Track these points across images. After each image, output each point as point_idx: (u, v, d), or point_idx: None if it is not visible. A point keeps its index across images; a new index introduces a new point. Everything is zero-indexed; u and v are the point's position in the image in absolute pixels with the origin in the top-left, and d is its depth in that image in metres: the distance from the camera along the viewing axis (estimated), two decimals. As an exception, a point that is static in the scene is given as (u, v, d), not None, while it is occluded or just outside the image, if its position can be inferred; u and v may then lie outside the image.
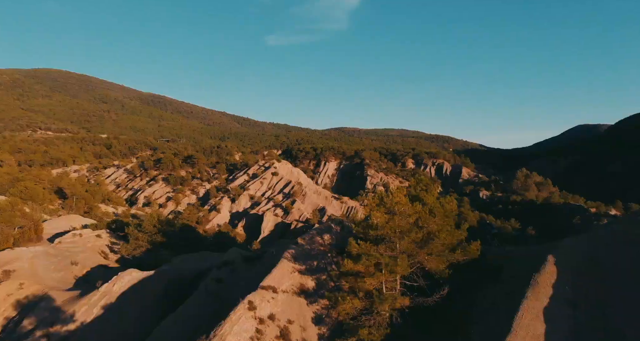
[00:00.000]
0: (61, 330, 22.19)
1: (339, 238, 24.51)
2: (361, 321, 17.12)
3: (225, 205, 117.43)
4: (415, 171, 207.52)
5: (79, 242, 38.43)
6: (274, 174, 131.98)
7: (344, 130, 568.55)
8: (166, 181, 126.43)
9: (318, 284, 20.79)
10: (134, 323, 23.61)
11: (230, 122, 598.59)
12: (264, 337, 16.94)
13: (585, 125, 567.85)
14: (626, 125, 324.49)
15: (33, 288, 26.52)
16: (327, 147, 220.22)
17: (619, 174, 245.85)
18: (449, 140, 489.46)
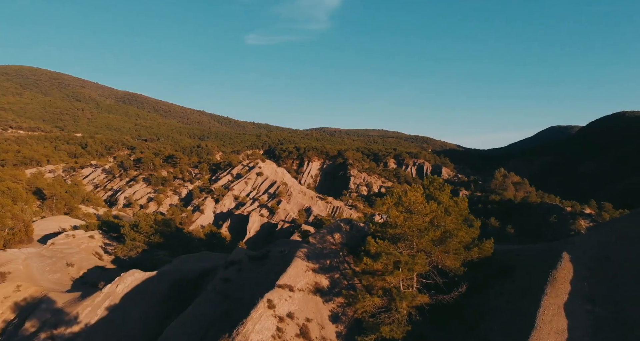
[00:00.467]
0: (65, 332, 21.69)
1: (349, 237, 24.41)
2: (380, 319, 17.07)
3: (209, 206, 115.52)
4: (397, 171, 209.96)
5: (72, 243, 37.43)
6: (258, 174, 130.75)
7: (325, 130, 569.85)
8: (147, 181, 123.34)
9: (332, 282, 20.64)
10: (138, 324, 23.31)
11: (209, 121, 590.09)
12: (285, 335, 16.72)
13: (557, 127, 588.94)
14: (596, 127, 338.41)
15: (31, 290, 25.78)
16: (310, 147, 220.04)
17: (590, 174, 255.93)
18: (427, 141, 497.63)
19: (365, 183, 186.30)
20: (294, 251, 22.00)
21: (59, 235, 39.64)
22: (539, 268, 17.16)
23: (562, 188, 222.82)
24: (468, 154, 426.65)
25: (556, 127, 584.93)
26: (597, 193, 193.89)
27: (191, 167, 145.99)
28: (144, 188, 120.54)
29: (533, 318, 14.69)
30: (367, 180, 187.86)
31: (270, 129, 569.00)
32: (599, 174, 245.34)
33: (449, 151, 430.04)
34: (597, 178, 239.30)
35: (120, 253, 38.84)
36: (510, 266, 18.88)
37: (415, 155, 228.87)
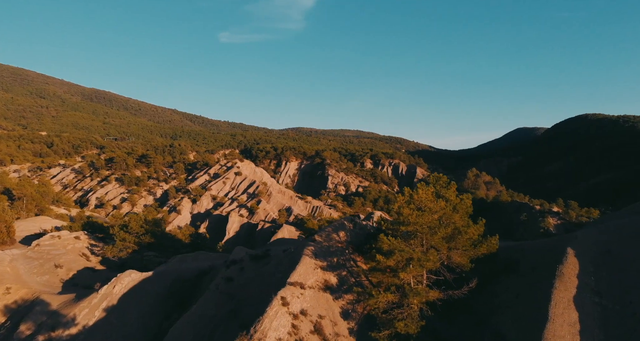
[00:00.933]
0: (63, 334, 21.16)
1: (353, 235, 24.38)
2: (394, 315, 17.15)
3: (186, 206, 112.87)
4: (374, 171, 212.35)
5: (58, 244, 36.02)
6: (237, 174, 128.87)
7: (301, 130, 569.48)
8: (120, 181, 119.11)
9: (340, 280, 20.56)
10: (137, 325, 22.92)
11: (182, 120, 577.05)
12: (300, 332, 16.57)
13: (524, 128, 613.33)
14: (561, 129, 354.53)
15: (21, 292, 24.95)
16: (288, 147, 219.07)
17: (555, 173, 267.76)
18: (401, 141, 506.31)
19: (343, 183, 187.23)
20: (301, 249, 21.76)
21: (44, 236, 38.15)
22: (544, 264, 17.70)
23: (530, 187, 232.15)
24: (440, 155, 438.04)
25: (523, 129, 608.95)
26: (563, 191, 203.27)
27: (166, 167, 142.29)
28: (116, 188, 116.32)
29: (545, 311, 15.12)
30: (344, 180, 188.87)
31: (246, 128, 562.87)
32: (564, 173, 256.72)
33: (422, 151, 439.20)
34: (562, 177, 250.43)
35: (110, 253, 37.66)
36: (514, 261, 19.39)
37: (391, 155, 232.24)
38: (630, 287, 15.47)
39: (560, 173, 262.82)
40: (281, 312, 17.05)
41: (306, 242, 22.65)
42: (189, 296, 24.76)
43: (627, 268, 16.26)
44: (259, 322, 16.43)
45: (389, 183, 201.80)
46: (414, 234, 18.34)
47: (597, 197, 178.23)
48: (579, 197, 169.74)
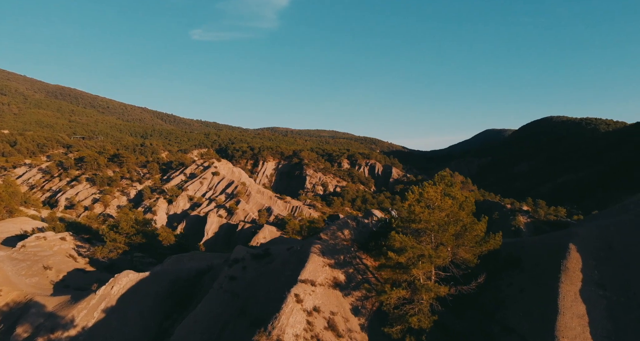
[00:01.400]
0: (62, 336, 20.71)
1: (356, 233, 24.49)
2: (405, 310, 17.37)
3: (162, 207, 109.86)
4: (351, 171, 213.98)
5: (44, 245, 34.73)
6: (214, 173, 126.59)
7: (276, 130, 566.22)
8: (91, 182, 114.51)
9: (347, 277, 20.62)
10: (137, 326, 22.69)
11: (152, 118, 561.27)
12: (315, 328, 16.55)
13: (492, 130, 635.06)
14: (527, 131, 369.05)
15: (13, 295, 24.13)
16: (265, 146, 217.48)
17: (523, 173, 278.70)
18: (376, 142, 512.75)
19: (321, 183, 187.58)
20: (308, 247, 21.67)
21: (29, 237, 36.66)
22: (547, 259, 18.41)
23: (499, 186, 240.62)
24: (413, 155, 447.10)
25: (492, 130, 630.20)
26: (531, 191, 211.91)
27: (139, 166, 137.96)
28: (87, 189, 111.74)
29: (555, 304, 15.73)
30: (322, 180, 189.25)
31: (219, 127, 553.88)
32: (531, 173, 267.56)
33: (396, 151, 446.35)
34: (529, 177, 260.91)
35: (100, 254, 36.58)
36: (516, 257, 20.06)
37: (367, 155, 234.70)
38: (633, 280, 16.33)
39: (528, 173, 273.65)
40: (296, 309, 17.02)
41: (312, 240, 22.58)
42: (189, 296, 24.44)
43: (629, 262, 17.15)
44: (276, 319, 16.35)
45: (365, 182, 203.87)
46: (423, 232, 18.65)
47: (563, 196, 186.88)
48: (545, 196, 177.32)
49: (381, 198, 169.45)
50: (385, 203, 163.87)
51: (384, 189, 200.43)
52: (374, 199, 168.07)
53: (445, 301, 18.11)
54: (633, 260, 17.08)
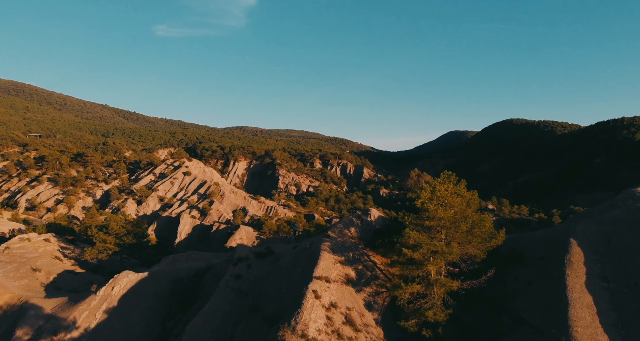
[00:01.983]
0: (65, 338, 20.35)
1: (362, 231, 24.78)
2: (419, 304, 17.87)
3: (131, 207, 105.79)
4: (323, 171, 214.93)
5: (29, 247, 33.44)
6: (185, 173, 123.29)
7: (245, 129, 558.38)
8: (53, 182, 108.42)
9: (357, 273, 20.89)
10: (139, 325, 22.79)
11: (114, 116, 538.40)
12: (334, 323, 16.73)
13: (456, 131, 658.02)
14: (489, 133, 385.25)
15: (5, 297, 23.39)
16: (236, 146, 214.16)
17: (486, 173, 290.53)
18: (346, 142, 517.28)
19: (294, 183, 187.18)
20: (318, 245, 21.76)
21: (12, 239, 35.31)
22: (551, 254, 19.52)
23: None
24: (381, 156, 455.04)
25: (455, 132, 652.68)
26: (493, 190, 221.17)
27: (104, 166, 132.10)
28: (49, 189, 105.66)
29: (564, 296, 16.75)
30: (295, 180, 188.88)
31: (185, 126, 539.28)
32: (493, 173, 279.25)
33: (365, 152, 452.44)
34: (491, 176, 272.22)
35: (89, 255, 35.27)
36: (518, 253, 21.09)
37: (339, 156, 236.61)
38: (633, 272, 17.66)
39: (490, 172, 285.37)
40: (316, 305, 17.19)
41: (321, 238, 22.70)
42: (192, 295, 24.21)
43: (628, 255, 18.51)
44: (298, 314, 16.43)
45: (338, 182, 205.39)
46: (434, 229, 19.24)
47: (523, 195, 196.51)
48: (507, 195, 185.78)
49: (354, 198, 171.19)
50: (358, 203, 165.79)
51: (356, 189, 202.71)
52: (347, 199, 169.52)
53: (455, 295, 18.81)
54: (631, 254, 18.47)
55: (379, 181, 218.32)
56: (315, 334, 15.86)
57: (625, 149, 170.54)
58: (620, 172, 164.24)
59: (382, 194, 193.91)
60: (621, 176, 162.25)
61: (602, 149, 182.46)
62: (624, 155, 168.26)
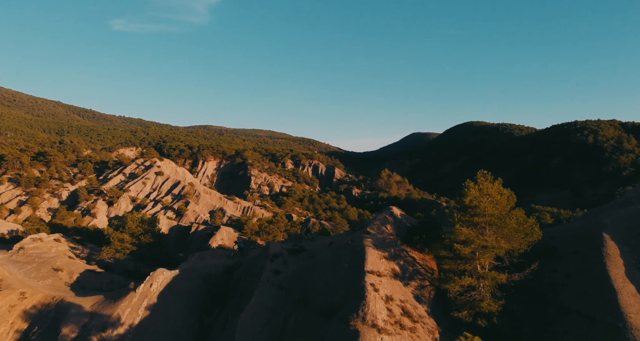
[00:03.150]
0: (112, 335, 20.66)
1: (396, 228, 25.48)
2: (469, 296, 18.85)
3: (102, 209, 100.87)
4: (295, 171, 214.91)
5: (42, 247, 32.67)
6: (158, 173, 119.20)
7: (210, 128, 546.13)
8: (14, 182, 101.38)
9: (401, 268, 21.59)
10: (179, 322, 22.76)
11: (68, 113, 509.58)
12: (395, 314, 17.29)
13: (418, 133, 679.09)
14: (451, 135, 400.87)
15: (37, 297, 22.88)
16: (205, 146, 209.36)
17: (449, 173, 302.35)
18: (313, 143, 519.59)
19: (267, 183, 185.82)
20: (360, 241, 22.29)
21: (25, 239, 34.14)
22: (586, 248, 21.18)
23: (429, 185, 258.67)
24: (349, 156, 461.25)
25: (417, 134, 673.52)
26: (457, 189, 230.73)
27: (68, 166, 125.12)
28: (11, 190, 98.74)
29: (609, 285, 18.33)
30: (268, 180, 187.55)
31: (146, 124, 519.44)
32: (456, 173, 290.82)
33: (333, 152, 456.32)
34: (455, 176, 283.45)
35: (106, 255, 35.23)
36: (552, 247, 22.70)
37: (311, 156, 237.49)
38: None
39: (453, 172, 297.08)
40: (377, 297, 17.77)
41: (361, 234, 23.23)
42: (226, 291, 24.24)
43: None
44: (364, 306, 16.94)
45: (310, 183, 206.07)
46: (480, 224, 20.31)
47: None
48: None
49: (327, 198, 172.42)
50: (332, 203, 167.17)
51: (328, 189, 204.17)
52: (320, 199, 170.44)
53: (500, 287, 20.01)
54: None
55: (351, 181, 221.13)
56: (383, 324, 16.42)
57: (579, 151, 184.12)
58: (574, 172, 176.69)
59: (355, 194, 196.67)
60: (575, 176, 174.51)
61: (557, 151, 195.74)
62: (578, 156, 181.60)
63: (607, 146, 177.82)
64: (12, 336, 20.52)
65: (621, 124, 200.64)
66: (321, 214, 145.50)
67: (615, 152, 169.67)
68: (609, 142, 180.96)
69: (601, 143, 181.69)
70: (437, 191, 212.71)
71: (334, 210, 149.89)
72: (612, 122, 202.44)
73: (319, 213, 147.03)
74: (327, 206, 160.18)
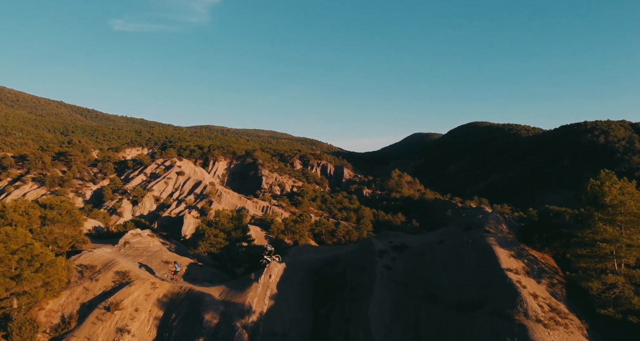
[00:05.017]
0: (248, 321, 22.24)
1: (509, 227, 26.34)
2: (613, 293, 19.81)
3: (127, 208, 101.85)
4: (305, 171, 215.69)
5: (143, 242, 34.91)
6: (179, 173, 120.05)
7: (211, 128, 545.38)
8: (39, 182, 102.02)
9: (529, 266, 22.37)
10: (298, 310, 24.10)
11: (70, 114, 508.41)
12: (545, 310, 18.06)
13: (419, 133, 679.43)
14: (455, 135, 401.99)
15: (166, 286, 24.64)
16: (215, 146, 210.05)
17: (455, 174, 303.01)
18: (315, 143, 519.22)
19: (278, 183, 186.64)
20: (481, 240, 23.16)
21: (127, 234, 36.44)
22: None
23: (434, 185, 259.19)
24: (353, 156, 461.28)
25: (419, 134, 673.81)
26: (464, 190, 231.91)
27: (88, 165, 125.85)
28: (35, 190, 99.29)
29: None
30: (279, 180, 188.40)
31: (148, 124, 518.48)
32: (462, 174, 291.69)
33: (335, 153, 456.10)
34: (461, 177, 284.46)
35: (203, 249, 38.29)
36: None
37: (319, 156, 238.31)
38: None
39: (458, 173, 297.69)
40: (527, 294, 18.63)
41: (480, 233, 24.08)
42: (334, 284, 25.25)
43: None
44: (522, 301, 17.88)
45: (320, 183, 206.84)
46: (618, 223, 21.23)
47: (494, 194, 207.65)
48: (479, 194, 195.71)
49: (339, 198, 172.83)
50: (344, 203, 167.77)
51: (338, 189, 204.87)
52: (333, 199, 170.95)
53: None
54: None
55: (360, 181, 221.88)
56: (544, 319, 17.32)
57: (589, 151, 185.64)
58: (584, 172, 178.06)
59: (365, 194, 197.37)
60: (585, 176, 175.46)
61: (566, 152, 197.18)
62: (588, 157, 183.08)
63: (619, 146, 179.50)
64: (152, 322, 21.74)
65: (631, 124, 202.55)
66: (337, 214, 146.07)
67: (627, 153, 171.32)
68: (620, 143, 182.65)
69: (612, 144, 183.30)
70: (444, 191, 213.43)
71: (349, 210, 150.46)
72: (622, 123, 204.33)
73: (334, 213, 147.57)
74: (341, 206, 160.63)
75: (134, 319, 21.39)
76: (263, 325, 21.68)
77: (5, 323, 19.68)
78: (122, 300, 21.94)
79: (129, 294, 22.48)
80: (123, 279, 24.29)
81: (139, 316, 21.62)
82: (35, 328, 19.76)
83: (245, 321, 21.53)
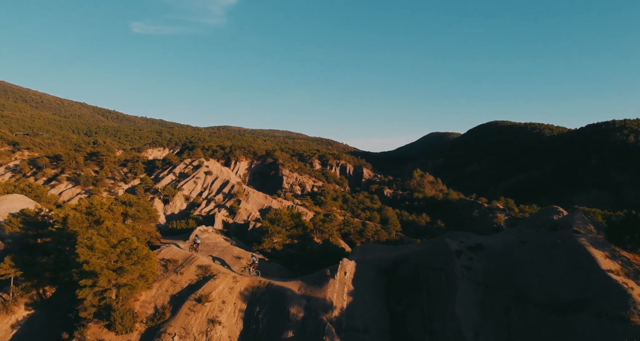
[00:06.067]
0: (332, 316, 22.70)
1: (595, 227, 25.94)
2: None
3: (159, 207, 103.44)
4: (324, 171, 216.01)
5: (212, 238, 35.41)
6: (207, 173, 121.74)
7: (229, 128, 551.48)
8: (73, 181, 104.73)
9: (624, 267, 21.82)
10: (374, 308, 24.14)
11: (93, 115, 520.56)
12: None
13: (436, 133, 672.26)
14: (475, 134, 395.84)
15: (246, 281, 25.40)
16: (237, 146, 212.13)
17: (476, 174, 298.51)
18: (331, 143, 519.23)
19: (299, 183, 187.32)
20: (572, 240, 22.94)
21: (195, 230, 37.95)
22: None
23: (456, 185, 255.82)
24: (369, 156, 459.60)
25: (436, 134, 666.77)
26: (486, 190, 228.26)
27: (118, 165, 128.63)
28: (70, 189, 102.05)
29: None
30: (299, 180, 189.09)
31: (167, 125, 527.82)
32: (483, 174, 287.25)
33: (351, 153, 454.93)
34: (482, 177, 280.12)
35: (266, 245, 39.97)
36: None
37: (338, 156, 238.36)
38: None
39: (480, 173, 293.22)
40: (636, 294, 18.34)
41: (568, 233, 23.78)
42: (407, 283, 25.22)
43: None
44: (635, 302, 17.54)
45: (340, 182, 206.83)
46: None
47: (518, 195, 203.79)
48: (503, 195, 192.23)
49: (361, 198, 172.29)
50: (366, 203, 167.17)
51: (358, 189, 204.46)
52: (354, 199, 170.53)
53: None
54: None
55: (380, 181, 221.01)
56: None
57: (617, 150, 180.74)
58: (613, 172, 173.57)
59: (387, 194, 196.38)
60: (615, 176, 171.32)
61: (594, 151, 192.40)
62: (617, 156, 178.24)
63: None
64: (237, 314, 22.34)
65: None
66: (360, 214, 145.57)
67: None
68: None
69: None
70: (466, 191, 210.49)
71: (372, 210, 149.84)
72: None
73: (357, 213, 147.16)
74: (363, 206, 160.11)
75: (222, 311, 21.96)
76: (345, 321, 22.02)
77: (107, 313, 20.44)
78: (209, 292, 22.58)
79: (215, 287, 23.10)
80: (205, 273, 25.01)
81: (226, 308, 22.19)
82: (134, 317, 20.58)
83: (329, 316, 21.96)
